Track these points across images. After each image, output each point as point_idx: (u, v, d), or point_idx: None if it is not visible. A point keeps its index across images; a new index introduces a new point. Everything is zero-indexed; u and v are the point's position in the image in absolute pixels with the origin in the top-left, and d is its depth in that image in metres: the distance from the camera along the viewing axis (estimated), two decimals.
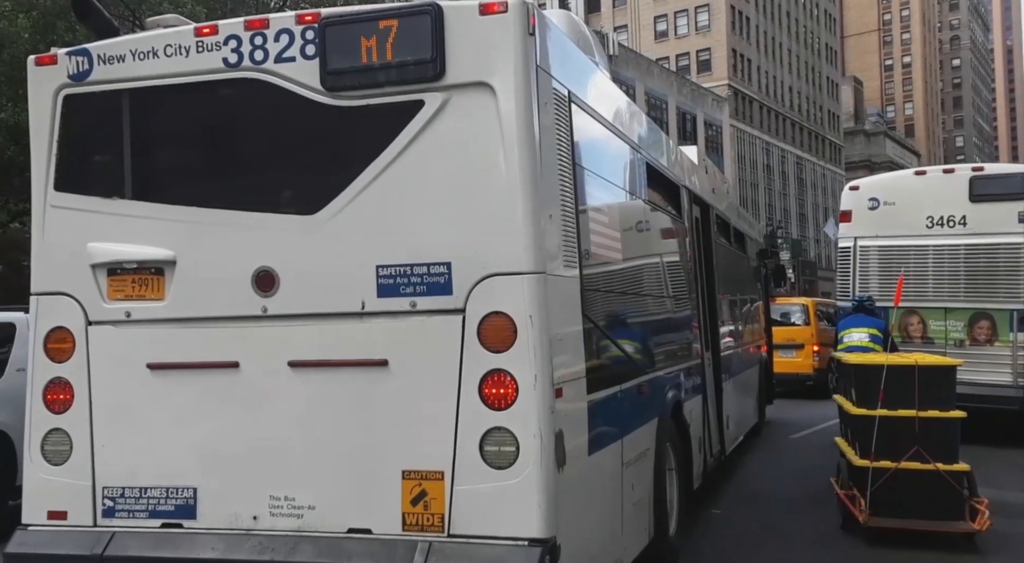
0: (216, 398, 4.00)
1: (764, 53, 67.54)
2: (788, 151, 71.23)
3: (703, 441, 7.19)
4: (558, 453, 3.73)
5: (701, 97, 56.32)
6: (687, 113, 54.44)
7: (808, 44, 76.70)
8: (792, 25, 73.11)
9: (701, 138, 54.86)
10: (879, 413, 6.36)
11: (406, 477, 3.75)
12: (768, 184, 67.06)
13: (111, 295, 4.15)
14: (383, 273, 3.81)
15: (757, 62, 66.30)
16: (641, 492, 5.16)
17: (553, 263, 3.85)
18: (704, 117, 56.42)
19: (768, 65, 68.29)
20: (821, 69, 79.50)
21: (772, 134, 68.33)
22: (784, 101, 71.29)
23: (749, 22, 64.83)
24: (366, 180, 3.83)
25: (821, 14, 79.93)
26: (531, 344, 3.65)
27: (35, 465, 4.19)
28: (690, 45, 62.08)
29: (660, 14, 62.59)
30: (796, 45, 73.92)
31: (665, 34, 62.71)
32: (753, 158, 64.72)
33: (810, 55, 77.11)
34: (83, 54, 4.18)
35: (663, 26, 62.78)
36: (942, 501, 6.27)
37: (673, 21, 62.41)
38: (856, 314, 8.78)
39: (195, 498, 3.99)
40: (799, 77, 74.58)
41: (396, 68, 3.75)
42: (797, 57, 74.16)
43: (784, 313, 16.49)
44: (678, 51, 62.27)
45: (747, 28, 64.59)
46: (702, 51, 61.74)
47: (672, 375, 6.17)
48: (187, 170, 4.19)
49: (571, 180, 4.13)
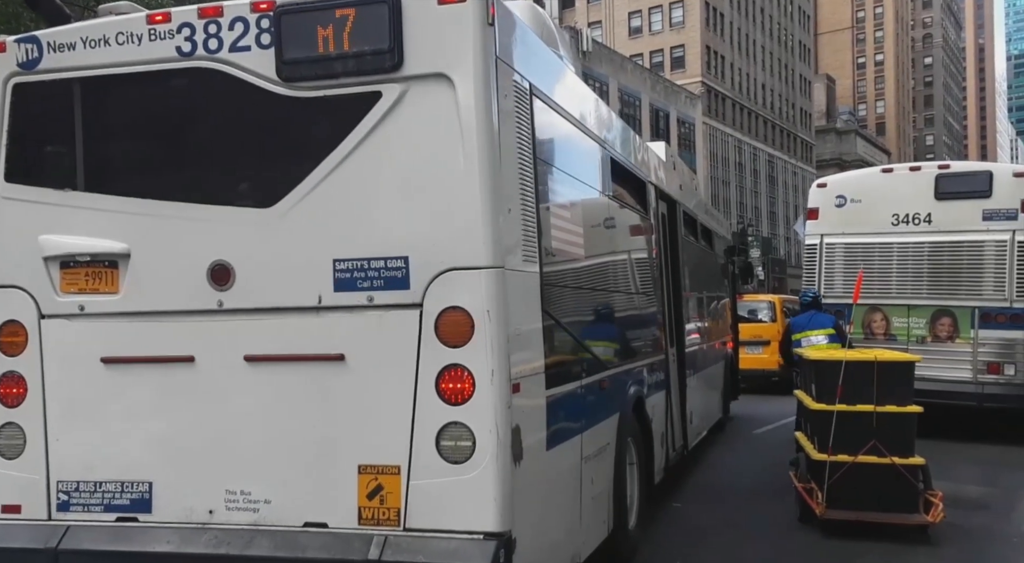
0: (171, 393, 3.96)
1: (738, 50, 67.94)
2: (760, 149, 71.79)
3: (665, 436, 7.25)
4: (515, 448, 3.74)
5: (674, 94, 56.57)
6: (660, 110, 54.64)
7: (782, 41, 77.27)
8: (766, 22, 73.60)
9: (674, 136, 55.11)
10: (837, 408, 6.48)
11: (362, 471, 3.74)
12: (740, 182, 67.56)
13: (64, 288, 4.09)
14: (340, 267, 3.78)
15: (731, 59, 66.68)
16: (601, 486, 5.19)
17: (512, 258, 3.85)
18: (677, 114, 56.67)
19: (742, 62, 68.71)
20: (794, 67, 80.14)
21: (744, 132, 68.82)
22: (757, 99, 71.82)
23: (723, 19, 65.16)
24: (323, 173, 3.80)
25: (795, 11, 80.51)
26: (488, 339, 3.64)
27: None
28: (664, 42, 62.25)
29: (634, 10, 62.66)
30: (770, 42, 74.44)
31: (639, 30, 62.82)
32: (725, 156, 65.15)
33: (784, 52, 77.70)
34: (32, 42, 4.10)
35: (637, 22, 62.87)
36: (897, 494, 6.41)
37: (647, 17, 62.53)
38: (809, 312, 8.89)
39: (150, 492, 3.96)
40: (772, 74, 75.13)
41: (353, 58, 3.72)
42: (771, 54, 74.70)
43: (751, 310, 16.65)
44: (652, 48, 62.41)
45: (721, 25, 64.91)
46: (676, 48, 61.94)
47: (634, 371, 6.20)
48: (140, 161, 4.12)
49: (531, 174, 4.12)
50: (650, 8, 62.25)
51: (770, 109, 74.43)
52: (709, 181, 60.61)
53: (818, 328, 8.61)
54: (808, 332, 8.63)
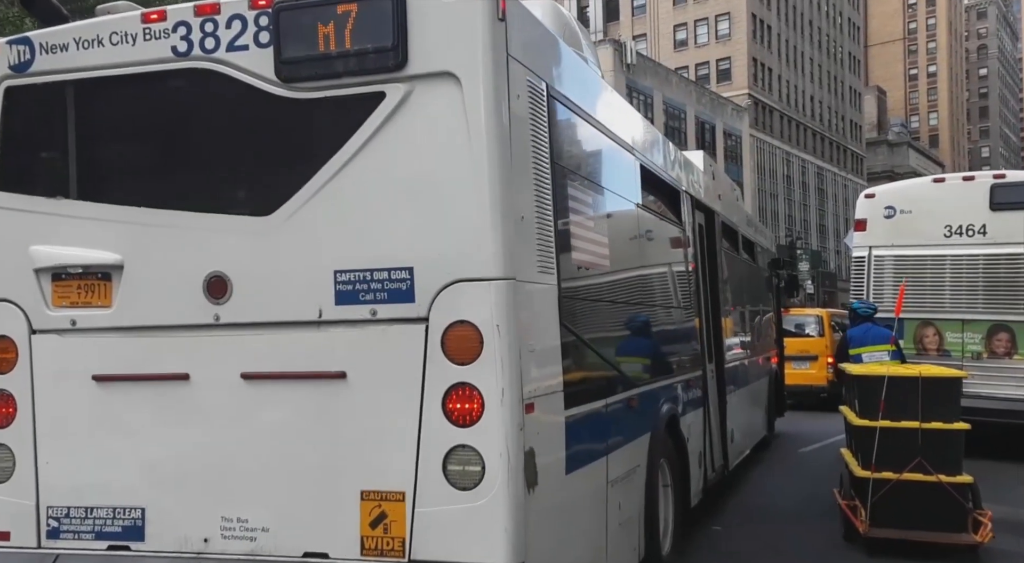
0: (165, 412, 3.76)
1: (785, 62, 66.90)
2: (809, 161, 70.48)
3: (703, 456, 6.90)
4: (528, 473, 3.47)
5: (720, 107, 55.84)
6: (706, 123, 53.94)
7: (831, 53, 75.95)
8: (815, 34, 72.42)
9: (720, 148, 54.38)
10: (880, 424, 6.30)
11: (365, 498, 3.51)
12: (788, 195, 66.33)
13: (56, 302, 3.92)
14: (341, 279, 3.57)
15: (778, 71, 65.67)
16: (630, 511, 4.89)
17: (525, 269, 3.60)
18: (723, 127, 55.90)
19: (789, 74, 67.64)
20: (844, 78, 78.69)
21: (792, 144, 67.63)
22: (805, 111, 70.60)
23: (770, 31, 64.26)
24: (323, 179, 3.59)
25: (845, 23, 79.15)
26: (498, 356, 3.39)
27: None
28: (710, 54, 61.52)
29: (680, 23, 62.10)
30: (818, 54, 73.21)
31: (685, 43, 62.20)
32: (773, 168, 64.04)
33: (832, 64, 76.35)
34: (25, 43, 3.96)
35: (683, 35, 62.27)
36: (944, 513, 6.21)
37: (693, 30, 61.91)
38: (866, 324, 8.46)
39: (143, 519, 3.76)
40: (821, 86, 73.84)
41: (355, 57, 3.51)
42: (819, 66, 73.43)
43: (798, 324, 16.17)
44: (698, 60, 61.72)
45: (768, 37, 64.01)
46: (722, 60, 61.16)
47: (667, 388, 5.89)
48: (135, 168, 3.95)
49: (548, 180, 3.87)
50: (696, 21, 61.64)
51: (819, 121, 73.10)
52: (756, 194, 59.62)
53: (879, 343, 8.15)
54: (869, 347, 8.19)
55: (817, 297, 49.19)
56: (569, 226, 4.19)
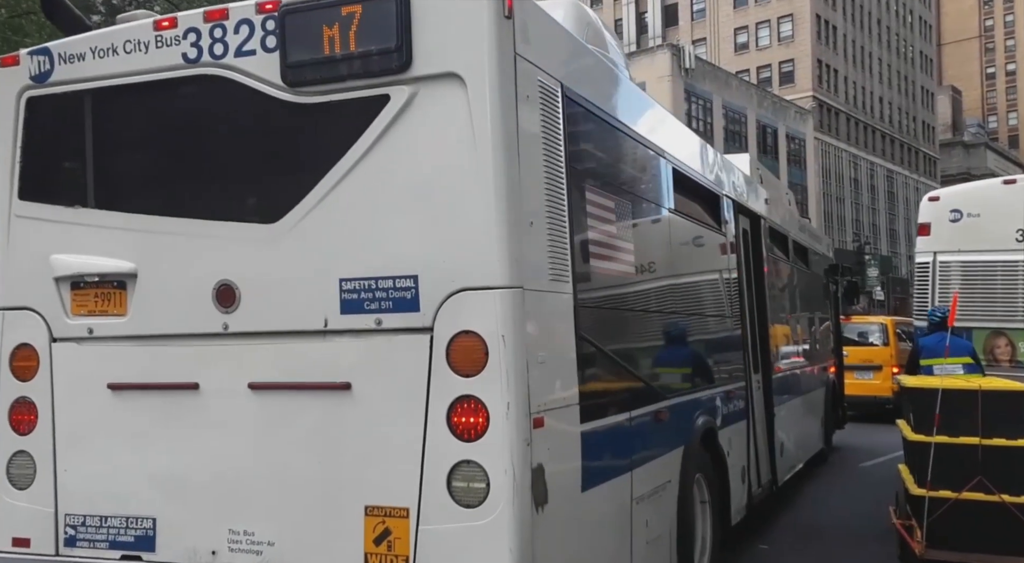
0: (175, 421, 3.75)
1: (852, 63, 65.12)
2: (878, 164, 68.41)
3: (747, 471, 6.62)
4: (536, 490, 3.32)
5: (783, 110, 54.61)
6: (768, 127, 52.80)
7: (901, 53, 73.72)
8: (883, 33, 70.38)
9: (783, 152, 53.18)
10: (936, 439, 5.92)
11: (369, 514, 3.41)
12: (855, 199, 64.48)
13: (74, 310, 3.95)
14: (346, 287, 3.48)
15: (844, 72, 63.96)
16: (659, 529, 4.69)
17: (535, 277, 3.45)
18: (786, 130, 54.64)
19: (856, 75, 65.82)
20: (915, 78, 76.29)
21: (860, 147, 65.76)
22: (874, 112, 68.60)
23: (836, 31, 62.64)
24: (329, 185, 3.52)
25: (915, 21, 76.79)
26: (503, 367, 3.26)
27: (1, 488, 4.02)
28: (772, 57, 60.24)
29: (741, 26, 61.01)
30: (887, 54, 71.12)
31: (746, 46, 61.04)
32: (839, 172, 62.35)
33: (903, 64, 74.09)
34: (44, 54, 4.00)
35: (744, 38, 61.14)
36: (1008, 535, 5.79)
37: (754, 33, 60.73)
38: (941, 333, 7.99)
39: (154, 529, 3.75)
40: (890, 87, 71.69)
41: (359, 59, 3.43)
42: (888, 66, 71.32)
43: (861, 332, 15.63)
44: (759, 63, 60.52)
45: (834, 37, 62.40)
46: (785, 62, 59.83)
47: (703, 399, 5.66)
48: (147, 176, 3.95)
49: (562, 185, 3.72)
50: (757, 23, 60.49)
51: (888, 123, 70.94)
52: (821, 198, 58.14)
53: (953, 354, 7.66)
54: (942, 359, 7.72)
55: (888, 304, 47.68)
56: (588, 232, 4.03)
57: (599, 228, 4.18)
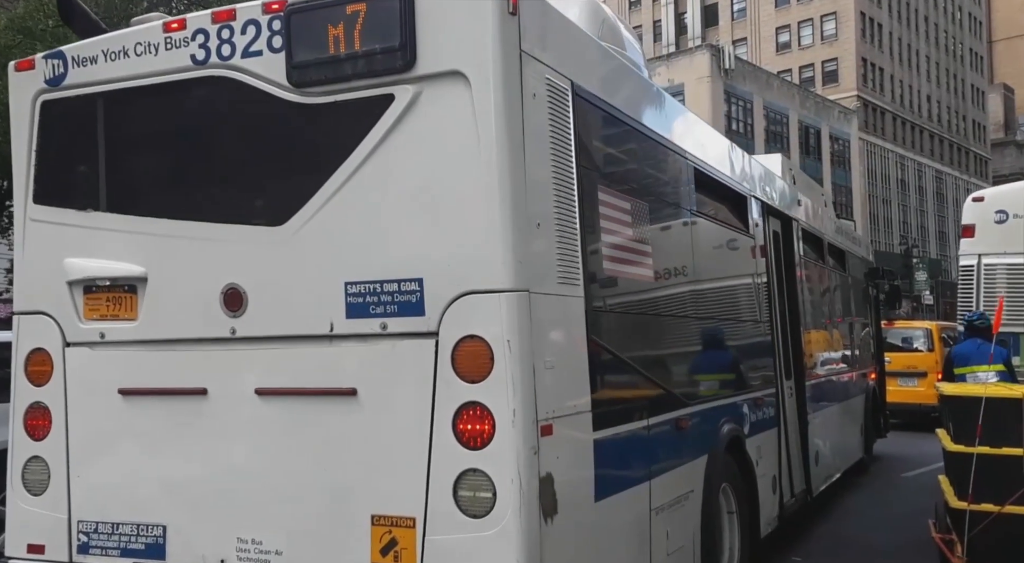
0: (184, 428, 3.72)
1: (898, 61, 63.74)
2: (926, 165, 66.84)
3: (778, 480, 6.42)
4: (544, 500, 3.23)
5: (826, 110, 53.61)
6: (810, 127, 51.87)
7: (950, 50, 71.97)
8: (931, 31, 68.78)
9: (826, 153, 52.19)
10: (977, 450, 5.63)
11: (375, 523, 3.34)
12: (902, 200, 63.05)
13: (87, 314, 3.94)
14: (352, 291, 3.42)
15: (890, 71, 62.62)
16: (681, 540, 4.54)
17: (543, 280, 3.36)
18: (830, 131, 53.61)
19: (903, 74, 64.40)
20: (965, 77, 74.41)
21: (907, 147, 64.29)
22: (922, 112, 67.05)
23: (881, 29, 61.37)
24: (334, 186, 3.47)
25: (965, 18, 74.92)
26: (509, 373, 3.17)
27: (17, 494, 4.02)
28: (815, 56, 59.19)
29: (782, 25, 60.07)
30: (936, 52, 69.49)
31: (788, 46, 60.07)
32: (885, 173, 61.01)
33: (952, 62, 72.32)
34: (59, 57, 4.01)
35: (785, 37, 60.17)
36: None
37: (797, 32, 59.75)
38: (973, 339, 7.70)
39: (164, 537, 3.73)
40: (939, 86, 70.02)
41: (363, 58, 3.38)
42: (937, 64, 69.66)
43: (905, 338, 15.21)
44: (802, 63, 59.51)
45: (879, 36, 61.14)
46: (828, 62, 58.74)
47: (730, 406, 5.49)
48: (156, 179, 3.94)
49: (572, 185, 3.62)
50: (799, 22, 59.51)
51: (937, 122, 69.29)
52: (867, 200, 56.97)
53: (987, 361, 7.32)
54: (975, 367, 7.41)
55: (937, 308, 46.48)
56: (602, 234, 3.92)
57: (614, 230, 4.06)
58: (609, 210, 4.03)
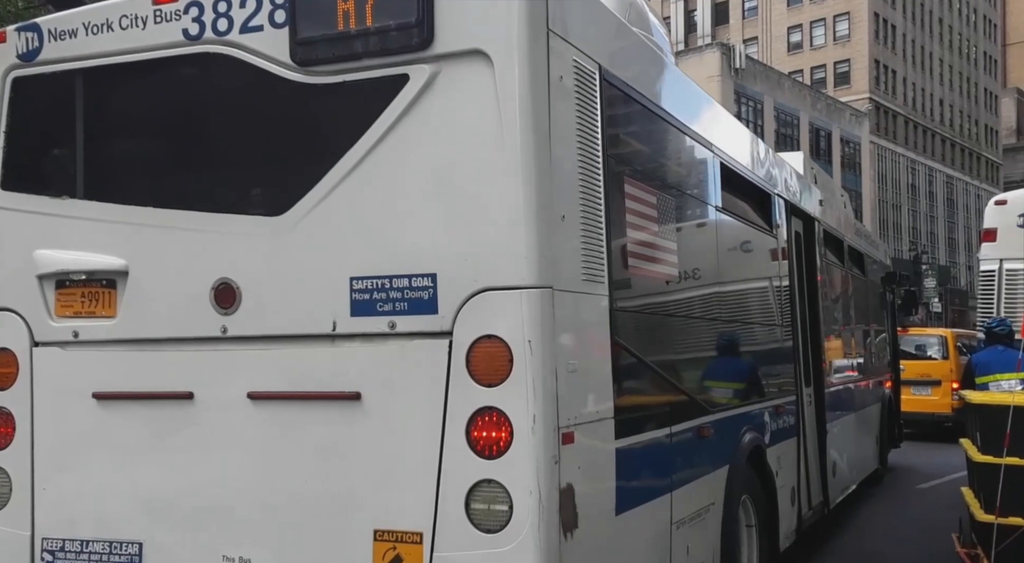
0: (167, 435, 3.45)
1: (911, 63, 63.33)
2: (937, 169, 66.45)
3: (796, 492, 6.19)
4: (564, 513, 3.00)
5: (838, 112, 53.26)
6: (821, 129, 51.54)
7: (963, 53, 71.52)
8: (945, 33, 68.33)
9: (836, 155, 51.85)
10: (1007, 461, 5.42)
11: (378, 538, 3.10)
12: (912, 205, 62.69)
13: (59, 311, 3.63)
14: (357, 286, 3.17)
15: (903, 73, 62.23)
16: (702, 555, 4.32)
17: (566, 277, 3.12)
18: (840, 133, 53.29)
19: (916, 76, 63.99)
20: (978, 80, 73.98)
21: (919, 151, 63.92)
22: (934, 115, 66.64)
23: (895, 30, 60.97)
24: (340, 174, 3.21)
25: (979, 20, 74.44)
26: (530, 376, 2.93)
27: None
28: (827, 57, 58.84)
29: (794, 24, 59.70)
30: (949, 54, 69.05)
31: (799, 46, 59.71)
32: (896, 177, 60.65)
33: (966, 65, 71.88)
34: (33, 30, 3.71)
35: (797, 37, 59.81)
36: None
37: (809, 32, 59.38)
38: (995, 347, 7.45)
39: (140, 555, 3.45)
40: (952, 89, 69.60)
41: (376, 35, 3.13)
42: (950, 67, 69.23)
43: (919, 345, 14.94)
44: (813, 63, 59.16)
45: (892, 37, 60.75)
46: (840, 63, 58.40)
47: (751, 415, 5.26)
48: (141, 164, 3.67)
49: (598, 176, 3.37)
50: (812, 22, 59.11)
51: (949, 126, 68.87)
52: (877, 204, 56.62)
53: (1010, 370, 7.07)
54: (997, 375, 7.17)
55: (945, 316, 46.17)
56: (626, 228, 3.68)
57: (639, 225, 3.82)
58: (635, 204, 3.79)
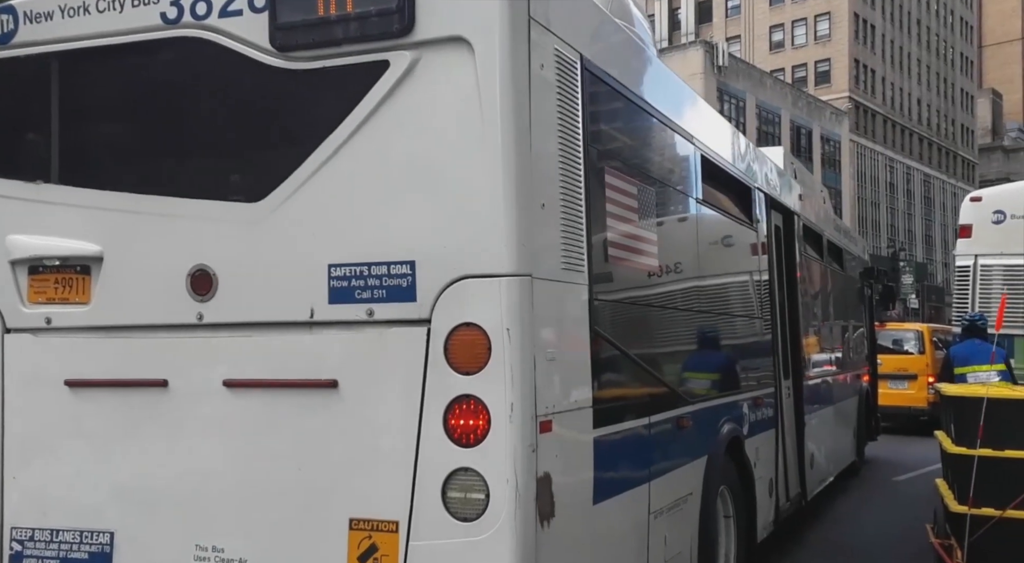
0: (140, 423, 3.40)
1: (890, 63, 63.88)
2: (914, 168, 67.12)
3: (774, 484, 6.23)
4: (541, 502, 2.99)
5: (818, 110, 53.64)
6: (802, 127, 51.90)
7: (941, 54, 72.25)
8: (923, 34, 69.00)
9: (817, 154, 52.25)
10: (979, 453, 5.50)
11: (353, 527, 3.08)
12: (891, 203, 63.27)
13: (32, 297, 3.57)
14: (336, 274, 3.14)
15: (882, 73, 62.76)
16: (679, 546, 4.33)
17: (545, 264, 3.12)
18: (821, 132, 53.69)
19: (894, 76, 64.56)
20: (955, 81, 74.76)
21: (897, 150, 64.52)
22: (912, 115, 67.27)
23: (874, 31, 61.47)
24: (319, 160, 3.18)
25: (956, 22, 75.21)
26: (508, 364, 2.92)
27: None
28: (808, 56, 59.26)
29: (776, 23, 60.05)
30: (927, 55, 69.72)
31: (781, 45, 60.08)
32: (875, 175, 61.19)
33: (943, 66, 72.61)
34: (8, 12, 3.65)
35: (779, 36, 60.18)
36: None
37: (790, 31, 59.75)
38: (972, 340, 7.58)
39: (111, 545, 3.40)
40: (929, 89, 70.28)
41: (356, 20, 3.09)
42: (927, 67, 69.91)
43: (896, 340, 15.10)
44: (795, 62, 59.57)
45: (872, 37, 61.24)
46: (821, 62, 58.81)
47: (730, 406, 5.28)
48: (117, 149, 3.61)
49: (579, 164, 3.37)
50: (794, 21, 59.49)
51: (926, 126, 69.55)
52: (856, 202, 57.10)
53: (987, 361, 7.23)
54: (975, 367, 7.31)
55: (922, 312, 46.69)
56: (607, 219, 3.67)
57: (619, 215, 3.82)
58: (615, 194, 3.78)
